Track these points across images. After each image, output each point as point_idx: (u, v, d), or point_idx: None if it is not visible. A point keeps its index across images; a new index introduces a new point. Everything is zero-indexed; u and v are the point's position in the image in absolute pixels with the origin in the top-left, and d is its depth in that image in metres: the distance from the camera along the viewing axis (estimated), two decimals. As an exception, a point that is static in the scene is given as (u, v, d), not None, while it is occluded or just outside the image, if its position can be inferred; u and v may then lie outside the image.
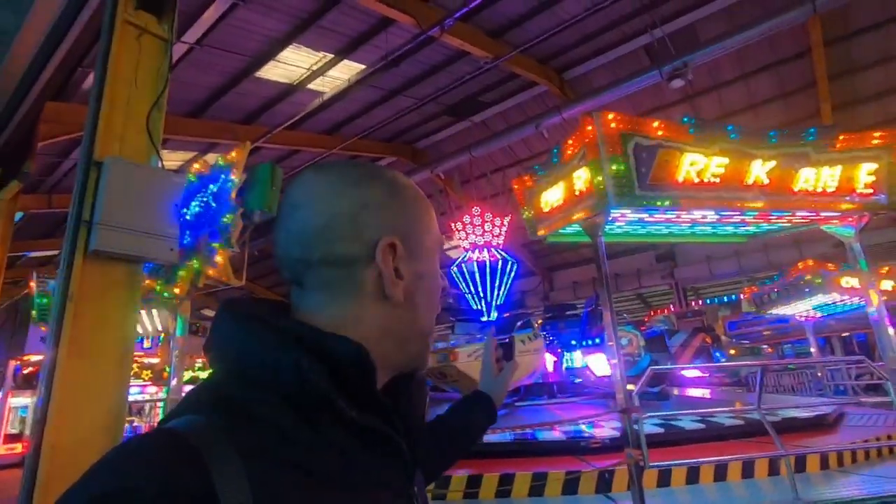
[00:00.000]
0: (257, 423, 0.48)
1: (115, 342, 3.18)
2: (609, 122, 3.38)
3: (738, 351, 11.20)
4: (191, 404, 0.51)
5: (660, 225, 4.31)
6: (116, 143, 3.52)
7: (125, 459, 0.44)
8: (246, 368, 0.52)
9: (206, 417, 0.47)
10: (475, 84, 10.67)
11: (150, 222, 3.46)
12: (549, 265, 19.73)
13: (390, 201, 0.60)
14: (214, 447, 0.44)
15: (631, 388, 3.53)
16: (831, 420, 5.61)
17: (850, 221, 4.12)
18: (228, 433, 0.46)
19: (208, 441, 0.44)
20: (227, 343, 0.55)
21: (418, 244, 0.61)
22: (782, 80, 11.15)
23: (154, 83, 3.84)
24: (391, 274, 0.58)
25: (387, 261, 0.57)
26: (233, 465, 0.43)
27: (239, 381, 0.51)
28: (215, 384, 0.53)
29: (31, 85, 5.31)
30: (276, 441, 0.47)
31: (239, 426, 0.47)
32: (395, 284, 0.58)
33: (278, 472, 0.46)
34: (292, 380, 0.50)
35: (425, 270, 0.61)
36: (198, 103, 10.06)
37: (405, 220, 0.61)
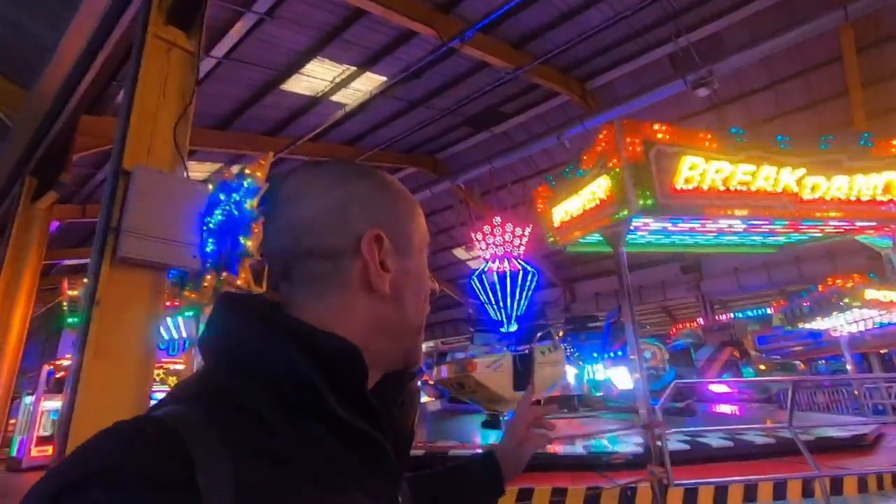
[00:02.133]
0: (242, 414, 0.47)
1: (138, 346, 3.25)
2: (629, 130, 3.33)
3: (769, 366, 10.76)
4: (177, 394, 0.51)
5: (684, 234, 4.20)
6: (144, 153, 3.62)
7: (105, 443, 0.43)
8: (235, 360, 0.52)
9: (190, 406, 0.47)
10: (496, 95, 10.70)
11: (174, 230, 3.54)
12: (571, 276, 19.48)
13: (378, 195, 0.61)
14: (197, 435, 0.43)
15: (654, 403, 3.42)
16: (870, 440, 5.33)
17: (887, 231, 3.94)
18: (212, 422, 0.45)
19: (191, 429, 0.44)
20: (219, 334, 0.55)
21: (406, 240, 0.61)
22: (812, 87, 10.86)
23: (181, 95, 3.96)
24: (377, 265, 0.57)
25: (372, 252, 0.57)
26: (215, 453, 0.43)
27: (227, 372, 0.51)
28: (203, 374, 0.53)
29: (68, 99, 5.53)
30: (260, 433, 0.47)
31: (224, 416, 0.47)
32: (380, 276, 0.58)
33: (260, 463, 0.45)
34: (281, 374, 0.50)
35: (412, 267, 0.62)
36: (224, 116, 10.35)
37: (393, 214, 0.61)
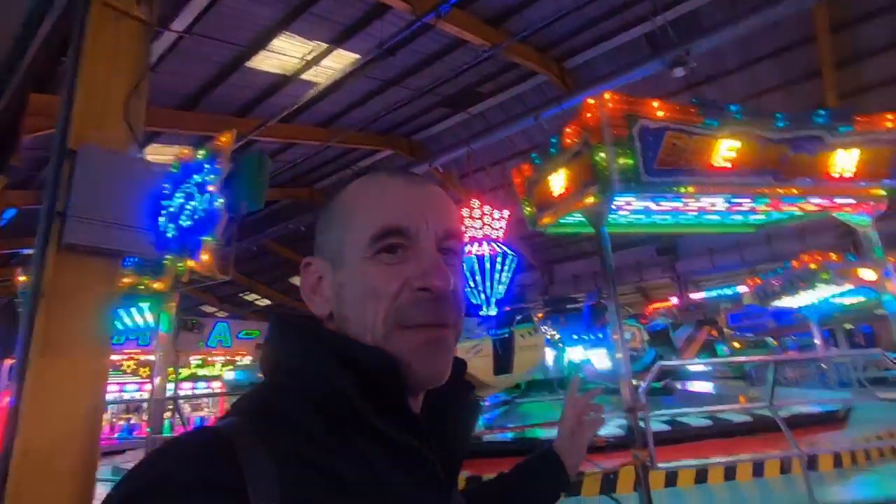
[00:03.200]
0: (291, 429, 0.50)
1: (90, 341, 3.03)
2: (613, 105, 3.20)
3: (743, 344, 11.04)
4: (236, 408, 0.55)
5: (666, 214, 4.13)
6: (93, 131, 3.35)
7: (166, 453, 0.48)
8: (282, 376, 0.56)
9: (244, 418, 0.51)
10: (473, 74, 10.47)
11: (127, 214, 3.29)
12: (550, 259, 19.57)
13: (323, 217, 0.63)
14: (248, 446, 0.46)
15: (637, 385, 3.37)
16: (841, 415, 5.46)
17: (865, 208, 3.93)
18: (263, 435, 0.48)
19: (243, 440, 0.47)
20: (270, 352, 0.59)
21: (336, 252, 0.60)
22: (786, 67, 10.95)
23: (134, 69, 3.66)
24: (305, 292, 0.62)
25: (302, 280, 0.62)
26: (265, 464, 0.45)
27: (276, 388, 0.55)
28: (258, 390, 0.57)
29: (10, 74, 5.12)
30: (307, 447, 0.49)
31: (274, 430, 0.49)
32: (310, 301, 0.61)
33: (307, 476, 0.47)
34: (321, 388, 0.52)
35: (348, 276, 0.59)
36: (190, 96, 9.87)
37: (325, 232, 0.62)
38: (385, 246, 0.57)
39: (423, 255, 0.57)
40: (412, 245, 0.57)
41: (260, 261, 20.64)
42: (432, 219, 0.59)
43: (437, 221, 0.59)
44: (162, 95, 9.37)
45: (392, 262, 0.57)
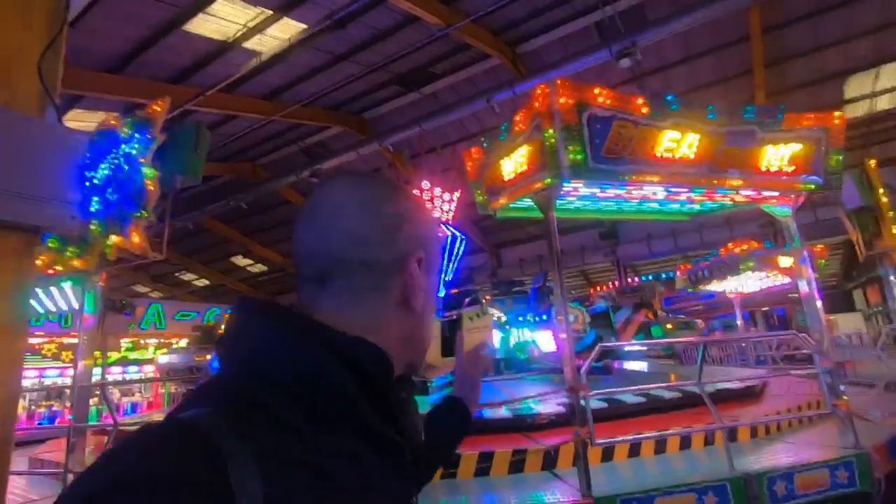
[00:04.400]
0: (272, 421, 0.48)
1: (3, 322, 2.76)
2: (565, 92, 3.23)
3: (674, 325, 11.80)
4: (202, 397, 0.50)
5: (610, 201, 4.27)
6: (3, 94, 3.00)
7: (139, 447, 0.44)
8: (265, 365, 0.52)
9: (220, 411, 0.47)
10: (426, 53, 10.29)
11: (46, 186, 2.99)
12: (497, 242, 19.88)
13: (421, 218, 0.65)
14: (230, 440, 0.43)
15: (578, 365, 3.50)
16: (758, 390, 5.95)
17: (787, 201, 4.24)
18: (241, 428, 0.45)
19: (222, 434, 0.44)
20: (247, 338, 0.55)
21: (433, 262, 0.66)
22: (723, 64, 11.53)
23: (50, 22, 3.29)
24: (418, 284, 0.62)
25: (415, 272, 0.62)
26: (247, 459, 0.43)
27: (256, 378, 0.51)
28: (230, 378, 0.53)
29: None
30: (289, 440, 0.48)
31: (254, 422, 0.47)
32: (418, 295, 0.62)
33: (290, 470, 0.46)
34: (314, 382, 0.51)
35: (432, 287, 0.66)
36: (118, 57, 9.06)
37: (429, 238, 0.66)
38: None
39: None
40: None
41: (198, 239, 19.59)
42: None
43: None
44: (84, 56, 8.55)
45: None
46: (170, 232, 4.09)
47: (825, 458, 3.58)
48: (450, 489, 3.51)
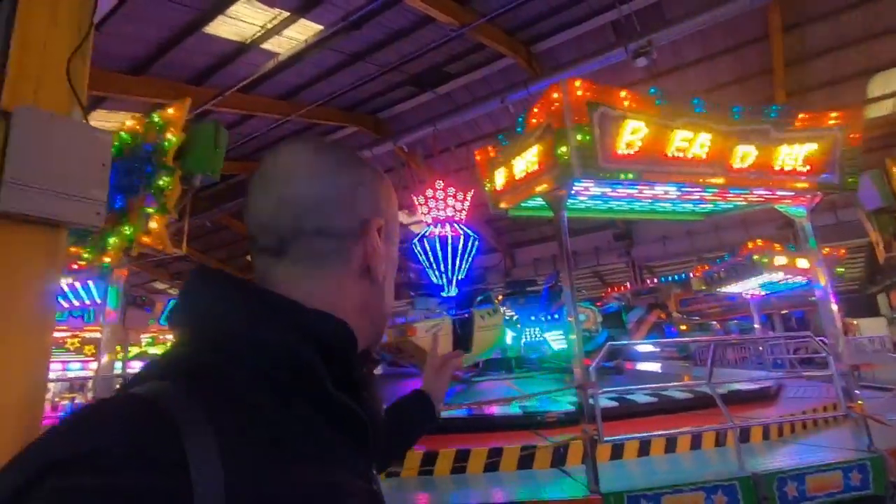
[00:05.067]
0: (230, 394, 0.47)
1: (30, 316, 2.87)
2: (576, 91, 3.25)
3: (689, 326, 11.65)
4: (157, 371, 0.49)
5: (622, 200, 4.27)
6: (31, 92, 3.12)
7: (92, 421, 0.42)
8: (223, 337, 0.51)
9: (176, 384, 0.46)
10: (441, 53, 10.34)
11: (72, 182, 3.11)
12: (511, 242, 19.85)
13: (379, 185, 0.63)
14: (186, 414, 0.42)
15: (588, 364, 3.51)
16: (773, 392, 5.89)
17: (802, 201, 4.20)
18: (199, 401, 0.44)
19: (180, 408, 0.43)
20: (204, 310, 0.53)
21: (393, 230, 0.65)
22: (741, 63, 11.37)
23: (77, 26, 3.42)
24: (380, 253, 0.61)
25: (376, 239, 0.60)
26: (204, 433, 0.42)
27: (213, 350, 0.50)
28: (186, 352, 0.51)
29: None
30: (247, 412, 0.46)
31: (210, 395, 0.46)
32: (380, 264, 0.61)
33: (248, 442, 0.44)
34: (275, 355, 0.49)
35: (393, 255, 0.65)
36: (139, 59, 9.29)
37: (387, 205, 0.64)
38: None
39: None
40: None
41: (215, 236, 19.93)
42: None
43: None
44: (107, 58, 8.78)
45: None
46: (190, 229, 4.21)
47: (838, 460, 3.55)
48: (458, 483, 3.56)
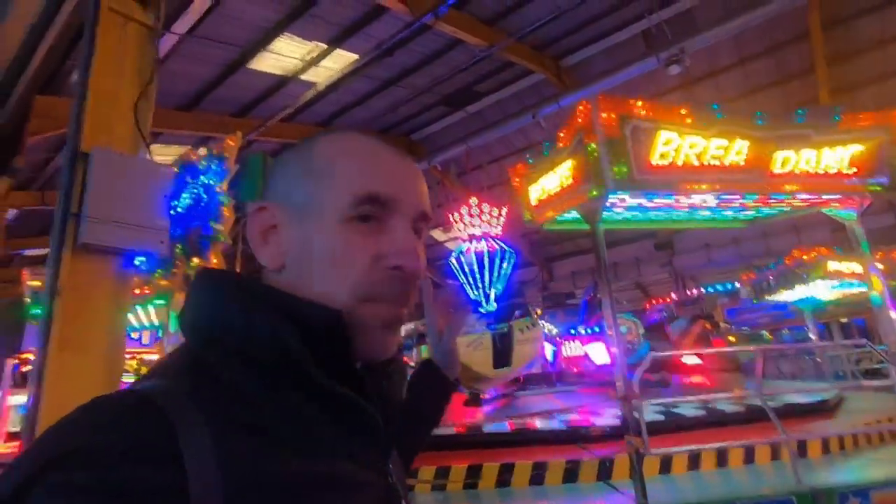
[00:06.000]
0: (224, 388, 0.48)
1: (105, 337, 3.14)
2: (606, 106, 3.31)
3: (738, 338, 11.16)
4: (159, 369, 0.51)
5: (659, 210, 4.25)
6: (104, 135, 3.47)
7: (87, 418, 0.43)
8: (216, 333, 0.51)
9: (172, 381, 0.47)
10: (470, 73, 10.56)
11: (139, 214, 3.41)
12: (548, 256, 19.69)
13: (288, 162, 0.60)
14: (180, 409, 0.44)
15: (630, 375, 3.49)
16: (831, 405, 5.60)
17: (851, 204, 4.06)
18: (195, 396, 0.45)
19: (174, 403, 0.44)
20: (199, 309, 0.54)
21: (306, 204, 0.56)
22: (780, 65, 11.06)
23: (141, 73, 3.77)
24: (253, 237, 0.58)
25: (251, 224, 0.58)
26: (198, 427, 0.43)
27: (208, 346, 0.51)
28: (185, 350, 0.53)
29: (18, 78, 5.21)
30: (241, 406, 0.47)
31: (206, 390, 0.47)
32: (258, 249, 0.58)
33: (242, 436, 0.45)
34: (264, 345, 0.50)
35: (318, 232, 0.55)
36: (190, 96, 9.95)
37: (294, 179, 0.58)
38: (362, 213, 0.55)
39: (400, 232, 0.56)
40: (388, 218, 0.56)
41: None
42: (412, 196, 0.58)
43: (416, 200, 0.58)
44: (162, 96, 9.43)
45: (366, 231, 0.55)
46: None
47: (906, 474, 3.36)
48: (504, 497, 3.58)
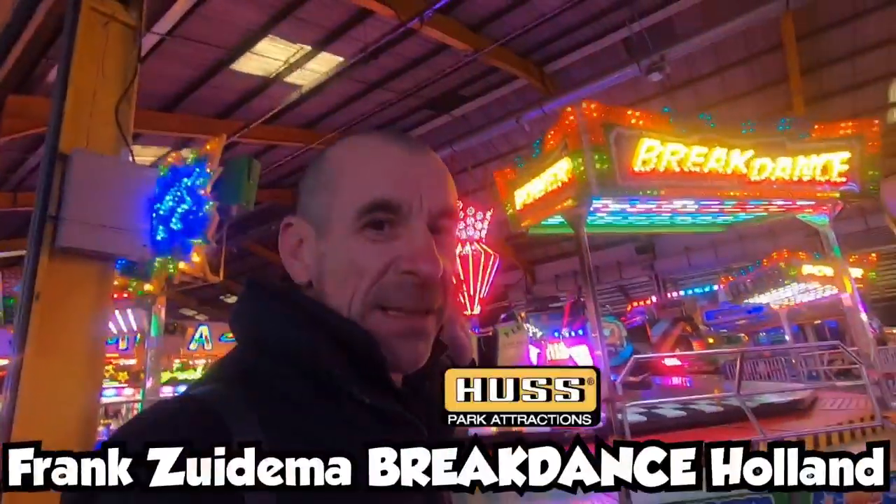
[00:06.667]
0: (277, 395, 0.50)
1: (84, 342, 3.07)
2: (591, 113, 3.37)
3: (717, 340, 11.44)
4: (213, 376, 0.53)
5: (641, 216, 4.33)
6: (83, 136, 3.40)
7: (149, 422, 0.47)
8: (267, 344, 0.53)
9: (227, 386, 0.49)
10: (455, 78, 10.61)
11: (120, 217, 3.35)
12: (531, 259, 19.84)
13: (308, 177, 0.60)
14: (236, 414, 0.46)
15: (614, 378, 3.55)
16: (806, 405, 5.76)
17: (824, 210, 4.20)
18: (249, 402, 0.47)
19: (230, 408, 0.46)
20: (249, 319, 0.56)
21: (322, 217, 0.56)
22: (756, 73, 11.37)
23: (123, 73, 3.71)
24: (283, 254, 0.59)
25: (280, 241, 0.59)
26: (252, 432, 0.45)
27: (261, 355, 0.53)
28: (237, 358, 0.55)
29: (-9, 76, 5.07)
30: (293, 413, 0.49)
31: (259, 396, 0.48)
32: (288, 265, 0.59)
33: (293, 442, 0.47)
34: (307, 358, 0.51)
35: (330, 245, 0.55)
36: (171, 97, 9.79)
37: (311, 193, 0.58)
38: (373, 220, 0.53)
39: (414, 235, 0.54)
40: (403, 222, 0.54)
41: (241, 263, 20.45)
42: (427, 194, 0.55)
43: (433, 197, 0.56)
44: (142, 97, 9.25)
45: (379, 238, 0.53)
46: (224, 256, 4.42)
47: (877, 472, 3.46)
48: (488, 498, 3.59)
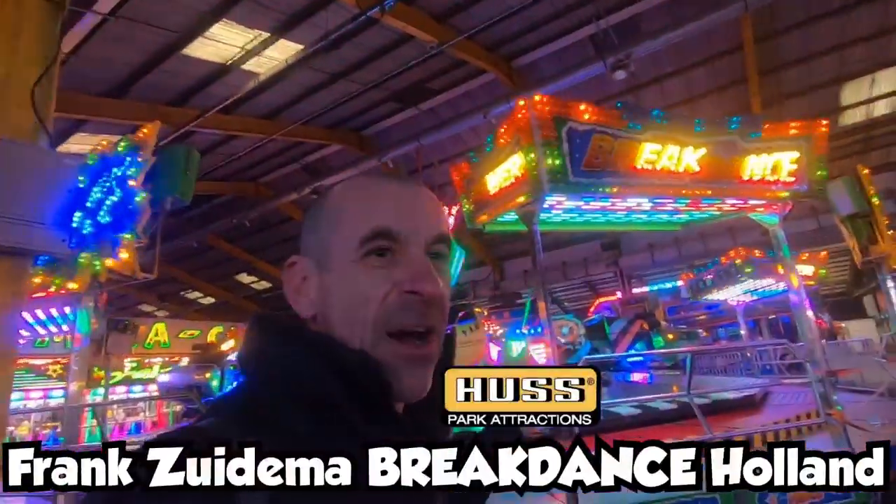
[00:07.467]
0: (274, 428, 0.51)
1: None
2: (542, 107, 3.28)
3: (676, 335, 11.72)
4: (216, 408, 0.57)
5: (596, 213, 4.30)
6: (-6, 120, 3.11)
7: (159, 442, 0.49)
8: (270, 375, 0.56)
9: (229, 418, 0.53)
10: (422, 70, 10.42)
11: (37, 210, 3.08)
12: (500, 255, 19.86)
13: (311, 217, 0.64)
14: (236, 447, 0.47)
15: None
16: (757, 400, 5.89)
17: (774, 209, 4.25)
18: (247, 435, 0.48)
19: (230, 440, 0.47)
20: (254, 353, 0.59)
21: (324, 253, 0.60)
22: (717, 74, 11.59)
23: (43, 52, 3.41)
24: (288, 292, 0.62)
25: (285, 280, 0.63)
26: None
27: (263, 386, 0.56)
28: (240, 389, 0.59)
29: None
30: (290, 442, 0.50)
31: (256, 429, 0.50)
32: (293, 301, 0.62)
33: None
34: (310, 391, 0.54)
35: (333, 279, 0.59)
36: (119, 82, 9.27)
37: (314, 232, 0.62)
38: (374, 248, 0.57)
39: (413, 259, 0.57)
40: (401, 249, 0.58)
41: (203, 257, 19.75)
42: (422, 222, 0.59)
43: (428, 226, 0.60)
44: (86, 81, 8.75)
45: (381, 265, 0.57)
46: (176, 251, 4.16)
47: (819, 468, 3.52)
48: None
